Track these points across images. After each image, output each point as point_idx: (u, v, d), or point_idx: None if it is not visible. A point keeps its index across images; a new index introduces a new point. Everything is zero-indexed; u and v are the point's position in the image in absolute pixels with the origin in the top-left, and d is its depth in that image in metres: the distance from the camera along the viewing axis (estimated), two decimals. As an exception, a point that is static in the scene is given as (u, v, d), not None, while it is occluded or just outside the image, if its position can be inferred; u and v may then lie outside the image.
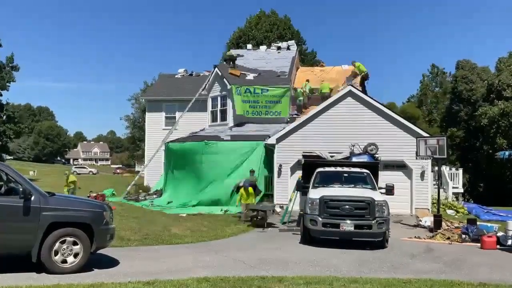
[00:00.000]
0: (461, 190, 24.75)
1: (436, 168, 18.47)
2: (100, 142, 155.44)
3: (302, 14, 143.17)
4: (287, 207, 16.20)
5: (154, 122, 28.47)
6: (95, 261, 8.09)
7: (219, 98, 24.84)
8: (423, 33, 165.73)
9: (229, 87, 23.70)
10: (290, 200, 16.47)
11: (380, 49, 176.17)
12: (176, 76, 30.95)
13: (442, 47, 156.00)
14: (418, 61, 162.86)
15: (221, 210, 18.57)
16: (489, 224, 13.32)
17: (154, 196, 23.26)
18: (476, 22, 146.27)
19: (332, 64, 28.71)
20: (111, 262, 8.51)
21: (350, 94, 19.20)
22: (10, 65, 43.07)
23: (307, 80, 24.47)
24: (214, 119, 25.20)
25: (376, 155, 16.29)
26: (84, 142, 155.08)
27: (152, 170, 27.45)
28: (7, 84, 42.65)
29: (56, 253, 7.38)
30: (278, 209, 18.69)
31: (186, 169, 21.25)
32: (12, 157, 76.65)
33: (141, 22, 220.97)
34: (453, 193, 22.77)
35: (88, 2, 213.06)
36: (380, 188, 12.90)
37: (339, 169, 13.50)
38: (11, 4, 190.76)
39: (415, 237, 12.98)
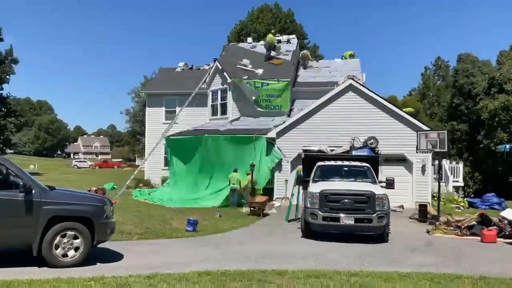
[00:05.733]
0: (461, 184, 24.79)
1: (437, 161, 18.45)
2: (100, 136, 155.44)
3: (304, 7, 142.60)
4: (290, 203, 15.91)
5: (154, 116, 28.41)
6: (96, 255, 8.11)
7: (219, 92, 24.79)
8: (425, 27, 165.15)
9: (229, 80, 23.64)
10: (292, 195, 16.41)
11: (381, 42, 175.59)
12: (176, 70, 30.86)
13: (445, 40, 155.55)
14: (420, 54, 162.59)
15: (222, 203, 18.59)
16: None
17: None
18: (478, 15, 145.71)
19: (333, 57, 28.67)
20: (112, 256, 8.52)
21: (351, 88, 19.16)
22: (10, 58, 43.02)
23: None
24: (214, 112, 25.16)
25: (377, 149, 16.28)
26: (84, 136, 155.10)
27: (153, 164, 27.46)
28: (7, 77, 42.62)
29: (56, 247, 7.39)
30: (277, 203, 18.70)
31: (187, 162, 21.26)
32: (12, 151, 76.67)
33: (142, 15, 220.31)
34: (453, 187, 22.80)
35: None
36: (380, 182, 12.89)
37: (339, 163, 13.48)
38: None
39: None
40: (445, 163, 23.16)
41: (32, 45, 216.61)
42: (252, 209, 16.34)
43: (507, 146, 18.34)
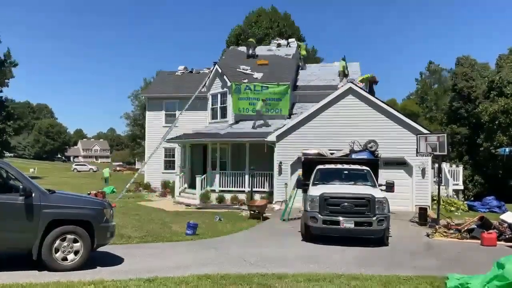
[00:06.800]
0: (461, 187, 24.77)
1: (437, 165, 18.46)
2: (100, 140, 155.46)
3: (301, 10, 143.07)
4: (287, 205, 16.21)
5: (154, 119, 28.47)
6: (96, 259, 8.10)
7: (219, 95, 24.80)
8: (424, 29, 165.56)
9: (229, 84, 23.66)
10: (290, 197, 16.47)
11: (380, 45, 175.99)
12: (176, 74, 30.92)
13: (443, 42, 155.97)
14: (419, 57, 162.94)
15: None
16: None
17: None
18: (478, 18, 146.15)
19: (331, 61, 28.73)
20: (112, 260, 8.51)
21: (350, 91, 19.17)
22: (9, 61, 42.95)
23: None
24: (214, 116, 25.17)
25: (376, 152, 16.31)
26: (84, 139, 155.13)
27: (153, 168, 27.47)
28: (6, 80, 42.62)
29: (56, 251, 7.38)
30: (277, 207, 18.70)
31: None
32: (12, 155, 76.62)
33: (141, 19, 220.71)
34: (453, 190, 22.79)
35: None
36: (380, 185, 12.89)
37: (339, 166, 13.47)
38: None
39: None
40: (445, 166, 23.16)
41: (32, 47, 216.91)
42: (252, 212, 16.35)
43: (507, 149, 18.40)
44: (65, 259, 7.45)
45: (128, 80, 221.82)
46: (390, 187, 12.97)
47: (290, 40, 32.13)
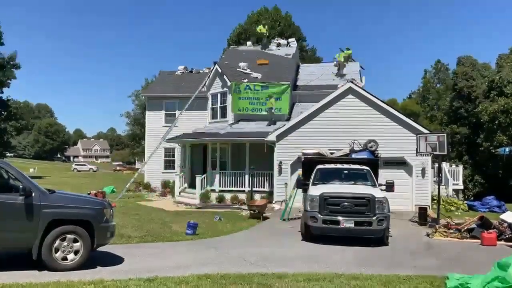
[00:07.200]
0: (461, 187, 24.78)
1: (436, 164, 18.47)
2: (100, 140, 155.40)
3: (302, 10, 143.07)
4: (287, 204, 16.21)
5: (154, 119, 28.43)
6: (96, 258, 8.11)
7: (219, 95, 24.79)
8: (424, 29, 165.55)
9: (229, 83, 23.65)
10: (290, 197, 16.48)
11: (380, 45, 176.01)
12: (176, 73, 30.88)
13: (445, 42, 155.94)
14: (420, 57, 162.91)
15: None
16: None
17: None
18: (478, 18, 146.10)
19: (331, 60, 28.64)
20: (112, 259, 8.52)
21: (350, 91, 19.17)
22: (12, 62, 43.09)
23: None
24: (214, 116, 25.16)
25: (376, 152, 16.31)
26: (84, 139, 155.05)
27: (152, 167, 27.46)
28: (8, 81, 42.74)
29: (56, 250, 7.38)
30: (277, 206, 18.70)
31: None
32: (12, 154, 76.64)
33: (141, 19, 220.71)
34: (453, 190, 22.79)
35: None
36: (380, 184, 12.89)
37: (339, 166, 13.47)
38: None
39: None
40: (445, 166, 23.16)
41: (32, 47, 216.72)
42: (252, 212, 16.36)
43: (507, 149, 18.39)
44: (65, 258, 7.46)
45: (128, 80, 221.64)
46: (390, 186, 12.97)
47: (290, 40, 32.13)
